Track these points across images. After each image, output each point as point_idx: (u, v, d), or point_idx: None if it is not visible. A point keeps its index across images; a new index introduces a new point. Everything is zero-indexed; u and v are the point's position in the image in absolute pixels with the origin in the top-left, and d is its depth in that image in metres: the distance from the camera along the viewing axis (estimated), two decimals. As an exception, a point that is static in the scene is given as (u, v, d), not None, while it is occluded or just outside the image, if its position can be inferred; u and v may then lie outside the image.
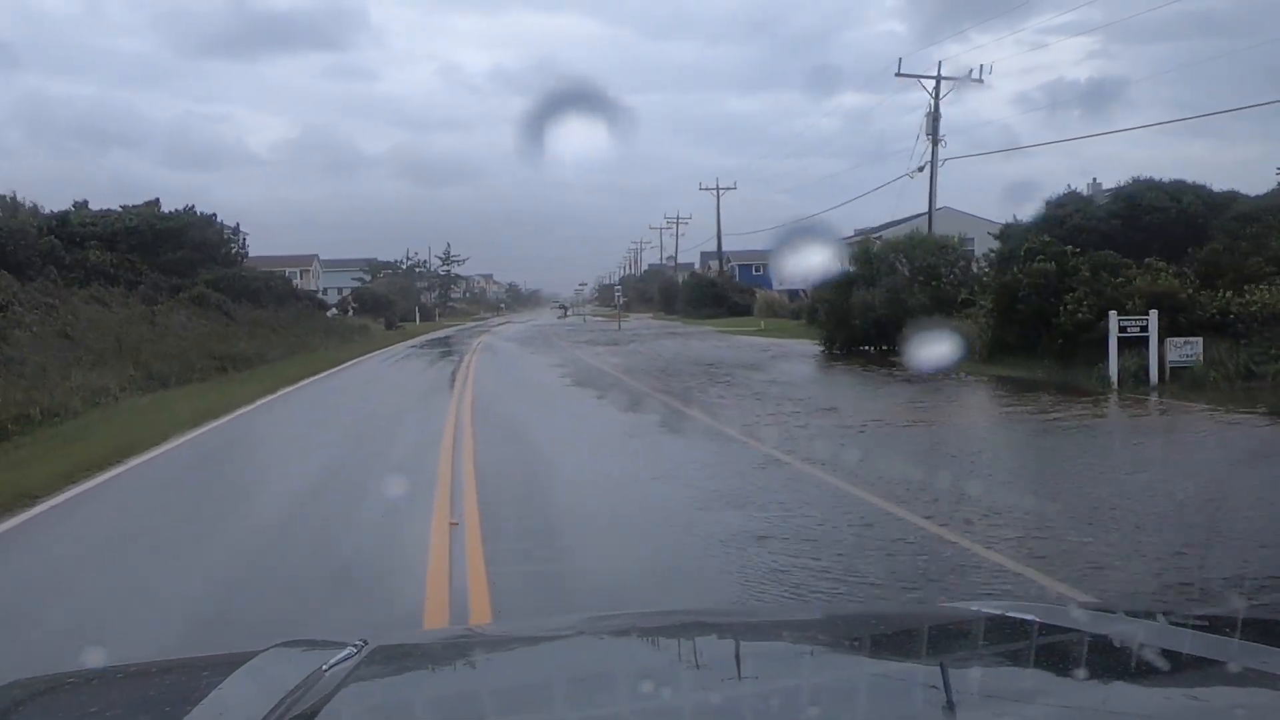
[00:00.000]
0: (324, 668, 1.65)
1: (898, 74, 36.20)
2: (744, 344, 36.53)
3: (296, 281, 78.35)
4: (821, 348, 30.47)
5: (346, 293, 75.93)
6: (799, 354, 29.90)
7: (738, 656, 1.98)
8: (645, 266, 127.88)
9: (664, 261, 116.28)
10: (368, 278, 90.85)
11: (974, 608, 2.23)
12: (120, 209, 52.74)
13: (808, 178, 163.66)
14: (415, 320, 74.89)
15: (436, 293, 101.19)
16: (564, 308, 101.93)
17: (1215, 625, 1.87)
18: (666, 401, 17.44)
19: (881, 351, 29.43)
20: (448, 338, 52.69)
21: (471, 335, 54.16)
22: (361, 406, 18.91)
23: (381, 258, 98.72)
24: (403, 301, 79.34)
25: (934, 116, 36.14)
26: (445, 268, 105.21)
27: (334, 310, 67.29)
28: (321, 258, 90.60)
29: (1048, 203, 35.20)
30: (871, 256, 30.71)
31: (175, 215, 52.73)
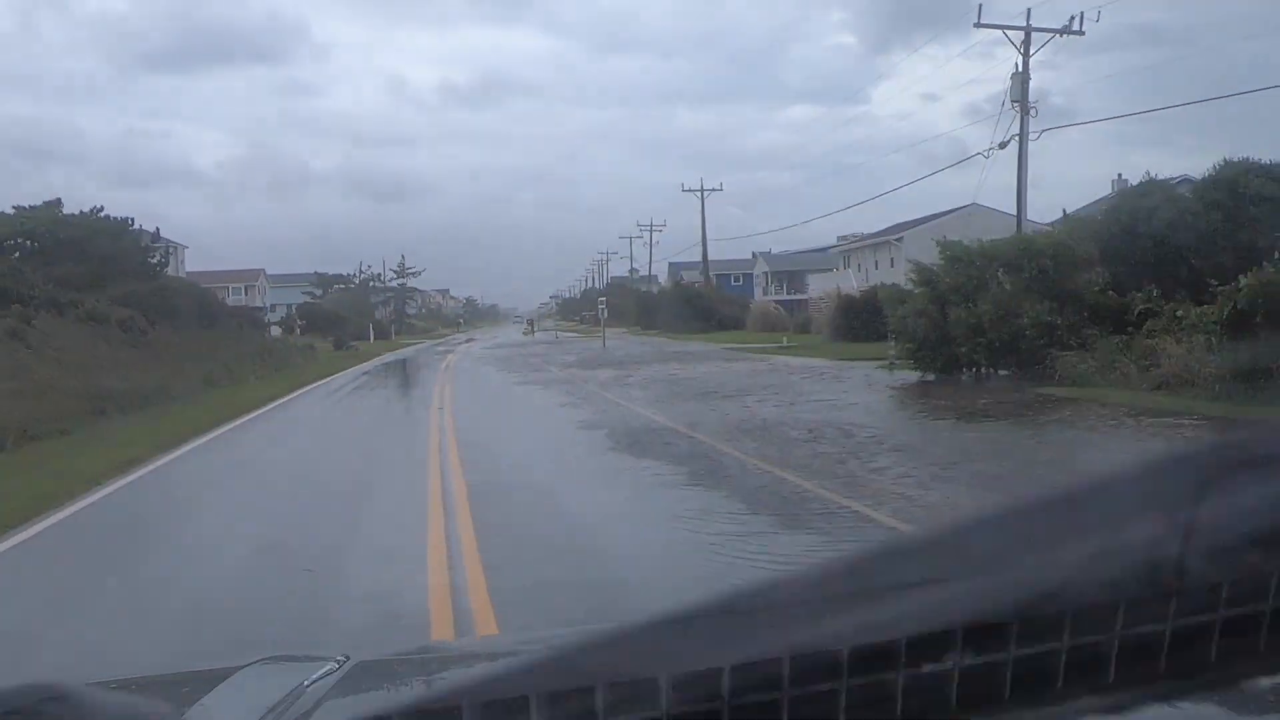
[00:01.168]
0: (305, 683, 1.64)
1: (977, 24, 28.77)
2: (789, 367, 28.73)
3: (241, 298, 70.10)
4: (916, 372, 22.99)
5: (294, 309, 67.69)
6: (884, 382, 22.23)
7: None
8: (609, 279, 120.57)
9: (631, 274, 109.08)
10: (318, 292, 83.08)
11: None
12: (12, 210, 44.28)
13: (770, 188, 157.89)
14: (369, 338, 66.49)
15: (391, 308, 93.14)
16: (530, 323, 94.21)
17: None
18: (838, 500, 9.50)
19: (1000, 378, 21.93)
20: (406, 361, 44.44)
21: (437, 357, 45.91)
22: (257, 526, 10.04)
23: (332, 271, 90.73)
24: (355, 318, 71.27)
25: (1023, 78, 28.74)
26: (400, 280, 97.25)
27: (277, 328, 59.19)
28: (269, 272, 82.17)
29: (1122, 193, 29.51)
30: (966, 264, 23.16)
31: (79, 219, 44.23)
